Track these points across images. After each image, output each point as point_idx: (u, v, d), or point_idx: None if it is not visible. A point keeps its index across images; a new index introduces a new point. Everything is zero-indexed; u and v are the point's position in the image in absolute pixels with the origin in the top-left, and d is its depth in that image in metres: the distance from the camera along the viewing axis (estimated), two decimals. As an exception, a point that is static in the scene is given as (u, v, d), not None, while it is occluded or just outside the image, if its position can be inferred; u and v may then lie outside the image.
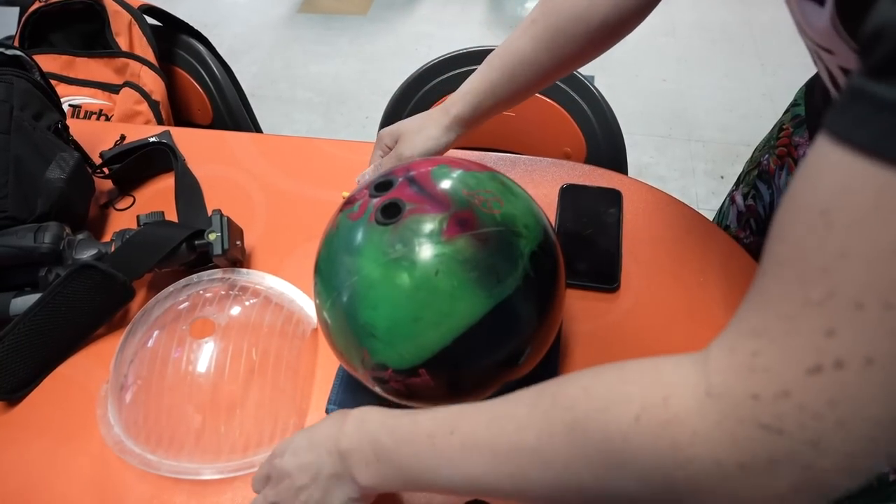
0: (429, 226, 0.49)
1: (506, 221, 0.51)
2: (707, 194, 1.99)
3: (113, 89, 1.21)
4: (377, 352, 0.50)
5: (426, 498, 0.60)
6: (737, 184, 0.88)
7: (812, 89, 0.71)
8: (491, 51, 1.11)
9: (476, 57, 1.08)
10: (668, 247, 0.77)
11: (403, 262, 0.48)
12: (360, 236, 0.51)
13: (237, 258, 0.75)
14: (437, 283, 0.48)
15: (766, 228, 0.78)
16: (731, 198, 0.88)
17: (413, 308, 0.48)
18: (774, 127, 0.80)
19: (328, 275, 0.53)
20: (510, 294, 0.49)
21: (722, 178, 2.03)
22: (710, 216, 0.84)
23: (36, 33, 1.24)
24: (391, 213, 0.50)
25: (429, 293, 0.48)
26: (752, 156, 0.85)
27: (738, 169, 0.88)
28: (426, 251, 0.48)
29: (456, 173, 0.53)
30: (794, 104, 0.76)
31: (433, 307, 0.48)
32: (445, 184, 0.52)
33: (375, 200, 0.52)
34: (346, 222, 0.53)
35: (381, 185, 0.53)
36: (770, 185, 0.79)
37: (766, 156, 0.80)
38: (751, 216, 0.83)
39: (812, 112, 0.71)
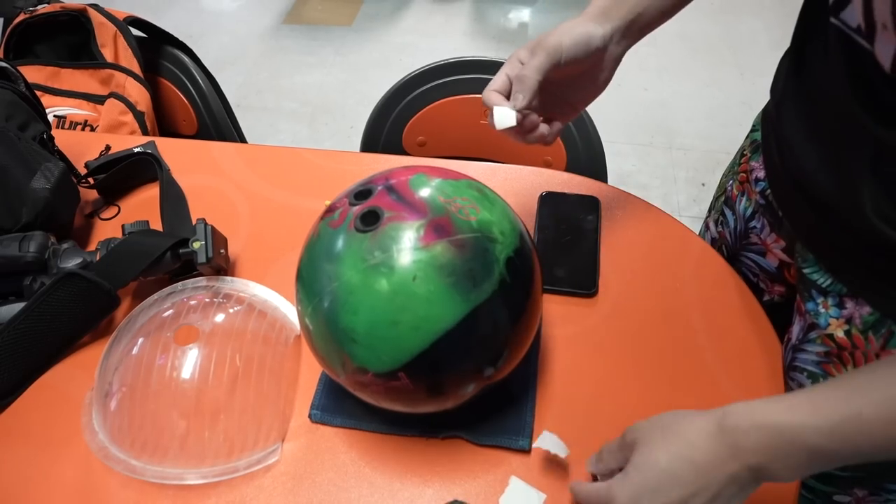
0: (407, 233, 0.50)
1: (482, 228, 0.52)
2: (688, 202, 2.02)
3: (98, 100, 1.21)
4: (357, 356, 0.52)
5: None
6: (709, 210, 0.89)
7: (768, 115, 0.70)
8: (472, 62, 1.12)
9: (457, 67, 1.09)
10: (645, 252, 0.79)
11: (382, 268, 0.50)
12: (340, 244, 0.52)
13: (221, 266, 0.76)
14: (414, 288, 0.49)
15: (734, 255, 0.80)
16: (706, 224, 0.89)
17: (392, 312, 0.49)
18: (737, 152, 0.81)
19: (309, 281, 0.54)
20: (486, 299, 0.51)
21: (703, 185, 2.06)
22: (692, 223, 0.86)
23: (21, 44, 1.25)
24: (370, 220, 0.52)
25: (407, 298, 0.49)
26: (720, 181, 0.86)
27: (719, 176, 0.89)
28: (404, 257, 0.50)
29: (433, 181, 0.55)
30: (752, 129, 0.76)
31: (411, 311, 0.49)
32: (423, 192, 0.53)
33: (355, 208, 0.53)
34: (326, 230, 0.54)
35: (361, 194, 0.54)
36: (734, 211, 0.79)
37: (731, 181, 0.80)
38: (722, 243, 0.83)
39: (767, 137, 0.70)
